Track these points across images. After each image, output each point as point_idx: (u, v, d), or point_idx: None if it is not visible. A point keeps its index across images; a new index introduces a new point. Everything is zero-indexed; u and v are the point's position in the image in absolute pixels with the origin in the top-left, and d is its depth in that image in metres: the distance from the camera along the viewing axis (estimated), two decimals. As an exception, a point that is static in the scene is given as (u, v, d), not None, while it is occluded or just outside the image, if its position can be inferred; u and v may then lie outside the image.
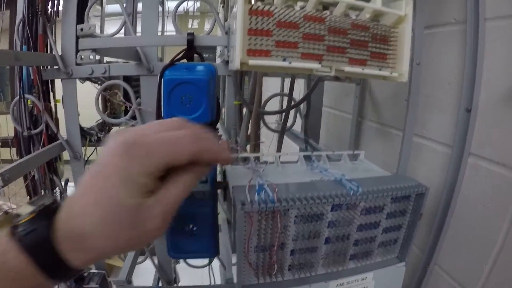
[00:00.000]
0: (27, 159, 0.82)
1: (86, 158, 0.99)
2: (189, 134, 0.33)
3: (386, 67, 0.61)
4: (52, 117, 0.96)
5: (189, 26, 6.02)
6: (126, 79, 1.10)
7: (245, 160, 0.65)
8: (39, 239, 0.30)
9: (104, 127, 1.10)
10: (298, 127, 1.19)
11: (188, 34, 0.60)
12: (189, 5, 3.52)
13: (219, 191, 0.64)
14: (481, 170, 0.67)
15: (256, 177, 0.55)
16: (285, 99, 1.24)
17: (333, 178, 0.57)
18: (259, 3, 0.52)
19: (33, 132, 0.94)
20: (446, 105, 0.74)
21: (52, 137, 0.95)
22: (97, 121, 1.08)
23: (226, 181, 0.61)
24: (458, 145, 0.70)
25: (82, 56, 0.60)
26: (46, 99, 0.95)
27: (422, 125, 0.79)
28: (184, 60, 0.62)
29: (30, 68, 0.92)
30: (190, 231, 0.59)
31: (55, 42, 0.94)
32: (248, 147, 0.96)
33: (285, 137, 1.10)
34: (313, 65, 0.55)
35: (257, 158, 0.67)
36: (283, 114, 1.05)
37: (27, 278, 0.30)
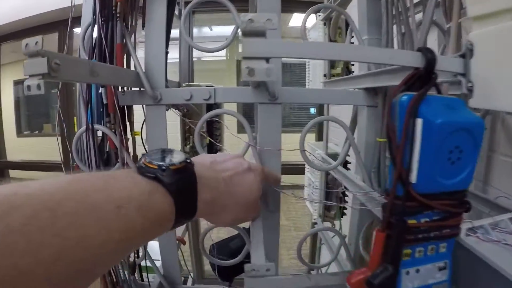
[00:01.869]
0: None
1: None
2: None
3: None
4: (130, 155, 0.70)
5: (240, 50, 5.79)
6: (208, 108, 0.89)
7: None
8: (185, 187, 0.36)
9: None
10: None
11: (427, 51, 0.36)
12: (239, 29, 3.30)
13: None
14: None
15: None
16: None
17: None
18: None
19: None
20: None
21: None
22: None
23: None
24: None
25: (249, 67, 0.33)
26: (123, 131, 0.69)
27: None
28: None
29: (102, 89, 0.66)
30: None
31: (136, 56, 0.68)
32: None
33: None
34: None
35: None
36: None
37: (164, 217, 0.33)
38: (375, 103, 0.66)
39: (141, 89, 0.68)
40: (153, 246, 0.76)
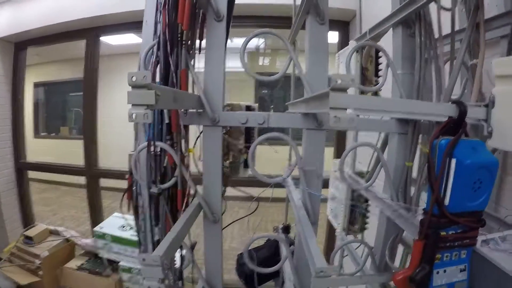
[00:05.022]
0: (179, 231, 0.67)
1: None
2: None
3: None
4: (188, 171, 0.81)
5: (260, 63, 6.15)
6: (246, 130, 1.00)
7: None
8: None
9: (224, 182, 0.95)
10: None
11: (459, 103, 0.49)
12: (260, 42, 3.46)
13: None
14: None
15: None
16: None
17: None
18: None
19: (163, 187, 0.79)
20: None
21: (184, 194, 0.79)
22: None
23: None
24: None
25: (336, 116, 0.44)
26: (181, 149, 0.80)
27: None
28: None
29: (165, 110, 0.77)
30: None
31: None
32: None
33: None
34: None
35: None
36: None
37: None
38: (406, 130, 0.77)
39: (199, 110, 0.78)
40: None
